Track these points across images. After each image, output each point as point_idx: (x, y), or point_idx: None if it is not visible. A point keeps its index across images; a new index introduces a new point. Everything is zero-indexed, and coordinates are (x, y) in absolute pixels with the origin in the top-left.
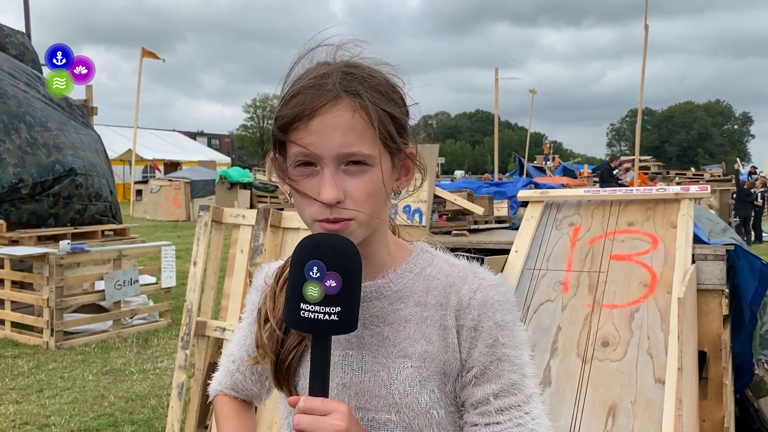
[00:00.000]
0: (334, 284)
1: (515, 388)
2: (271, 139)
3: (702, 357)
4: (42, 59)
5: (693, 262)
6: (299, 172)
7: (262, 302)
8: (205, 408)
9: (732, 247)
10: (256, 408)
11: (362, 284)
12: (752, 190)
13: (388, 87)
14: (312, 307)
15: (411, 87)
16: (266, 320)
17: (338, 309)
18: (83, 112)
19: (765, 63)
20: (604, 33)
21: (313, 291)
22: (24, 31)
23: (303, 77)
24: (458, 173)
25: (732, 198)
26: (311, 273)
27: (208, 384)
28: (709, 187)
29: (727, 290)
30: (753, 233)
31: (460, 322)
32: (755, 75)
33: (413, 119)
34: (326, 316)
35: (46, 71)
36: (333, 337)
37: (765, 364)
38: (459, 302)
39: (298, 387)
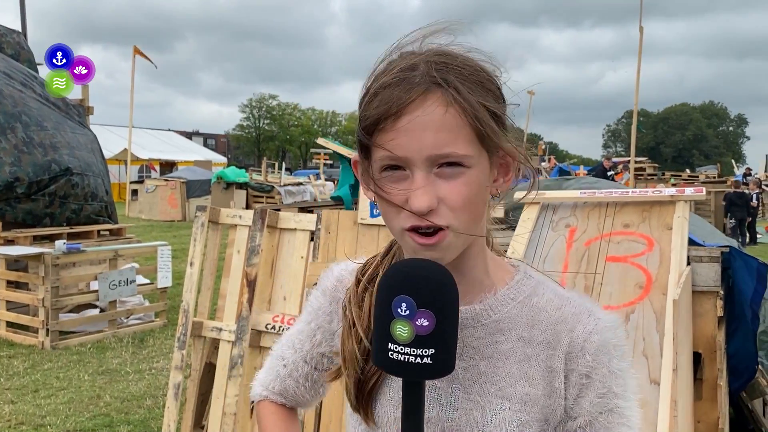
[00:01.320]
0: (426, 323)
1: None
2: (356, 142)
3: (697, 358)
4: (38, 59)
5: (688, 263)
6: (386, 177)
7: (347, 308)
8: (201, 408)
9: (727, 249)
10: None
11: (460, 308)
12: (745, 191)
13: (484, 76)
14: (402, 348)
15: (509, 77)
16: (352, 326)
17: (432, 351)
18: (79, 111)
19: (764, 65)
20: (604, 34)
21: (402, 331)
22: (20, 30)
23: (387, 71)
24: None
25: (724, 200)
26: (399, 310)
27: (204, 384)
28: (704, 189)
29: (722, 292)
30: (748, 235)
31: (570, 366)
32: (753, 77)
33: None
34: (418, 359)
35: (43, 70)
36: None
37: (760, 366)
38: (571, 344)
39: (377, 415)
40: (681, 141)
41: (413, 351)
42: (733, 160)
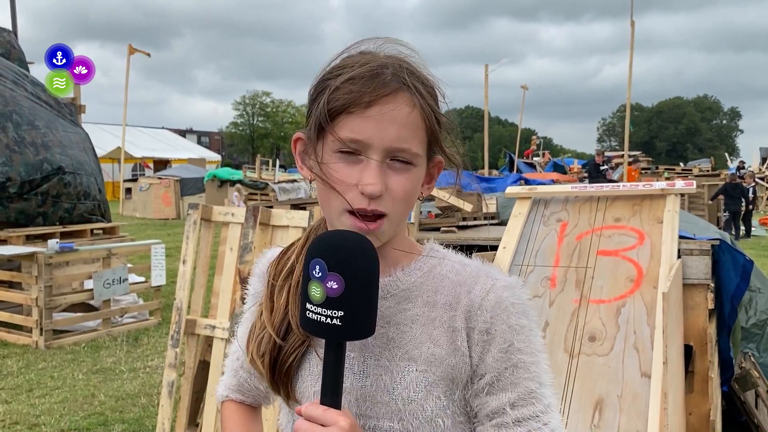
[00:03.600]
0: (335, 286)
1: (533, 397)
2: (312, 122)
3: (688, 351)
4: (31, 57)
5: (679, 257)
6: (340, 158)
7: (263, 299)
8: (196, 406)
9: (717, 242)
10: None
11: None
12: (739, 183)
13: (436, 92)
14: (315, 308)
15: (450, 102)
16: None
17: (341, 313)
18: (71, 110)
19: (762, 57)
20: (604, 28)
21: (315, 291)
22: (10, 29)
23: (353, 64)
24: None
25: (718, 193)
26: (314, 272)
27: (198, 382)
28: (694, 182)
29: (713, 284)
30: (743, 228)
31: (471, 325)
32: (750, 70)
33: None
34: (328, 320)
35: (34, 69)
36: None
37: (751, 357)
38: (470, 303)
39: (297, 391)
40: (675, 135)
41: (324, 311)
42: (726, 154)
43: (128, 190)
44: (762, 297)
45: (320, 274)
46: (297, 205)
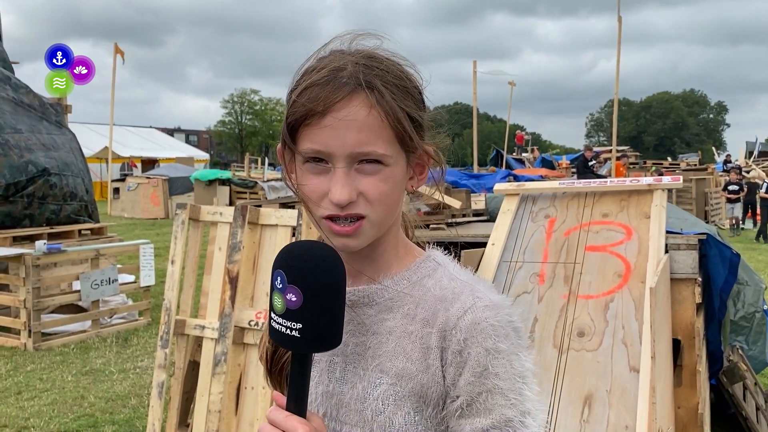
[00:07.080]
0: (294, 299)
1: (510, 427)
2: (281, 133)
3: (677, 345)
4: (20, 56)
5: (666, 251)
6: (309, 169)
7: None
8: (186, 407)
9: (704, 236)
10: None
11: (357, 287)
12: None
13: (407, 82)
14: (278, 319)
15: (430, 83)
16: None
17: (299, 326)
18: (57, 110)
19: (756, 51)
20: (601, 22)
21: (277, 302)
22: None
23: (316, 68)
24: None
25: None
26: (276, 282)
27: (188, 382)
28: (681, 177)
29: (700, 279)
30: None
31: (444, 345)
32: (742, 64)
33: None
34: (288, 331)
35: (18, 69)
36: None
37: (739, 350)
38: (446, 322)
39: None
40: (662, 129)
41: (284, 322)
42: (713, 148)
43: (116, 190)
44: (749, 289)
45: (281, 285)
46: (286, 204)
